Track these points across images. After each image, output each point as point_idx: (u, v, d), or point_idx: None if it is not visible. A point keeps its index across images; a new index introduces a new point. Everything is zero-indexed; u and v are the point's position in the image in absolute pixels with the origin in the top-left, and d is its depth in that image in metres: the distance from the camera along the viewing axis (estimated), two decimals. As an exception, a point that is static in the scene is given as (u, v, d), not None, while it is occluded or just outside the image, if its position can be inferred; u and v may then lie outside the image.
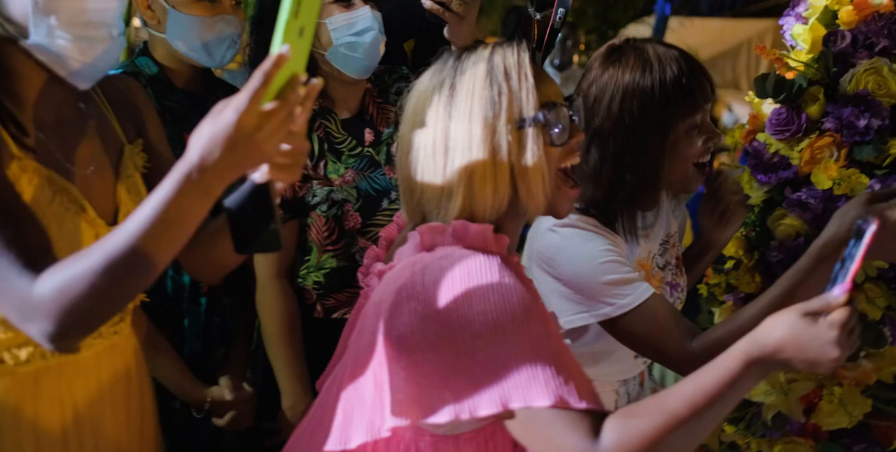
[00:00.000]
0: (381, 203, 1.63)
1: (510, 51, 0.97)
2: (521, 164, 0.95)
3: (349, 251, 1.61)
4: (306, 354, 1.63)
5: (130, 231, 0.82)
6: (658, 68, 1.28)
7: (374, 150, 1.65)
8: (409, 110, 1.00)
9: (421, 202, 0.98)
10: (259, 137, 0.78)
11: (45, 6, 0.93)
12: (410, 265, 0.92)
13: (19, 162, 0.95)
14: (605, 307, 1.25)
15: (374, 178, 1.64)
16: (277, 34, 0.76)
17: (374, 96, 1.69)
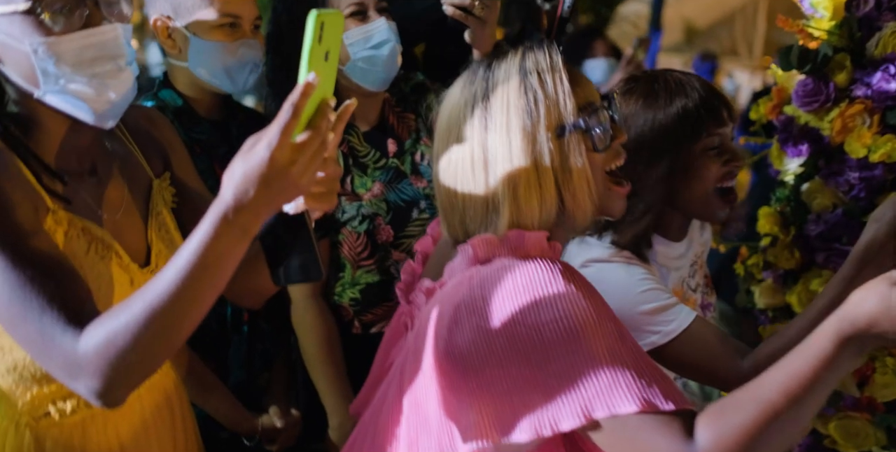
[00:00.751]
0: (411, 213, 1.61)
1: (541, 55, 0.94)
2: (564, 173, 0.92)
3: (384, 265, 1.59)
4: (347, 371, 1.61)
5: (170, 279, 0.80)
6: (665, 98, 1.26)
7: (398, 160, 1.63)
8: (441, 125, 0.98)
9: (464, 219, 0.96)
10: (294, 171, 0.76)
11: (45, 54, 0.89)
12: (466, 280, 0.90)
13: (54, 215, 0.93)
14: (650, 336, 1.22)
15: (402, 189, 1.62)
16: (303, 62, 0.74)
17: (393, 105, 1.67)
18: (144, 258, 1.04)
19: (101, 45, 0.91)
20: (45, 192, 0.92)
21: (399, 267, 1.59)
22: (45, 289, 0.83)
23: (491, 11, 1.37)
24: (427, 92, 1.70)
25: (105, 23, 0.91)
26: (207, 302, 0.83)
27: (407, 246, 1.60)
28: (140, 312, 0.80)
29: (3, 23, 0.88)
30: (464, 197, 0.94)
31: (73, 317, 0.83)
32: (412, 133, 1.66)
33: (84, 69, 0.90)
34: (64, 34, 0.88)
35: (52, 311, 0.83)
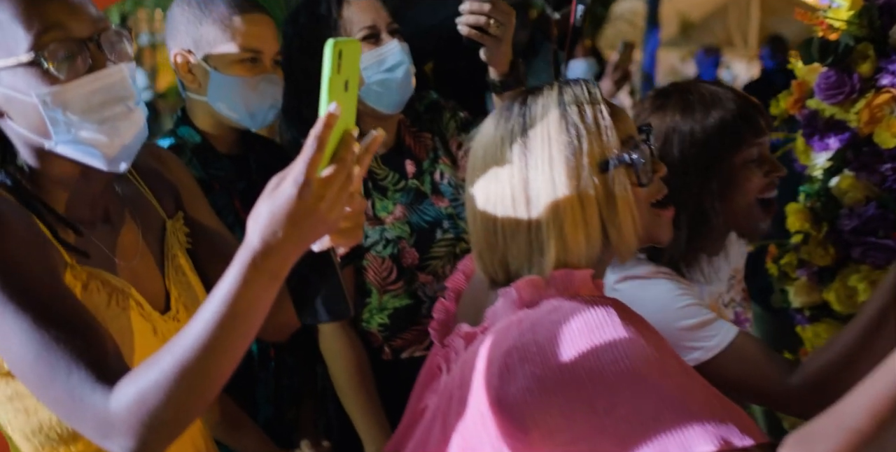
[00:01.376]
0: (434, 234, 1.58)
1: (580, 89, 0.92)
2: (610, 208, 0.90)
3: (410, 288, 1.56)
4: (380, 398, 1.58)
5: (198, 332, 0.77)
6: (701, 112, 1.24)
7: (418, 181, 1.61)
8: (475, 162, 0.95)
9: (506, 258, 0.92)
10: (322, 207, 0.74)
11: (53, 103, 0.86)
12: (515, 324, 0.86)
13: (72, 269, 0.90)
14: (692, 352, 1.19)
15: (424, 210, 1.59)
16: (323, 92, 0.73)
17: (408, 126, 1.64)
18: (164, 303, 1.01)
19: (108, 88, 0.88)
20: (61, 246, 0.90)
21: (426, 289, 1.57)
22: (71, 348, 0.81)
23: (506, 29, 1.34)
24: (441, 110, 1.68)
25: (109, 64, 0.88)
26: (239, 351, 0.80)
27: (433, 268, 1.58)
28: (170, 368, 0.77)
29: (6, 76, 0.85)
30: (505, 236, 0.91)
31: (102, 375, 0.80)
32: (430, 152, 1.64)
33: (93, 114, 0.87)
34: (70, 81, 0.86)
35: (79, 370, 0.80)
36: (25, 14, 0.84)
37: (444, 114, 1.68)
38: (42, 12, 0.84)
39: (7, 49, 0.84)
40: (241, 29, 1.41)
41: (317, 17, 1.49)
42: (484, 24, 1.32)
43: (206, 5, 1.43)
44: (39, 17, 0.84)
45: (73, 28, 0.86)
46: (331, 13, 1.48)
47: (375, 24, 1.49)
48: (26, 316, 0.81)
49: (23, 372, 0.82)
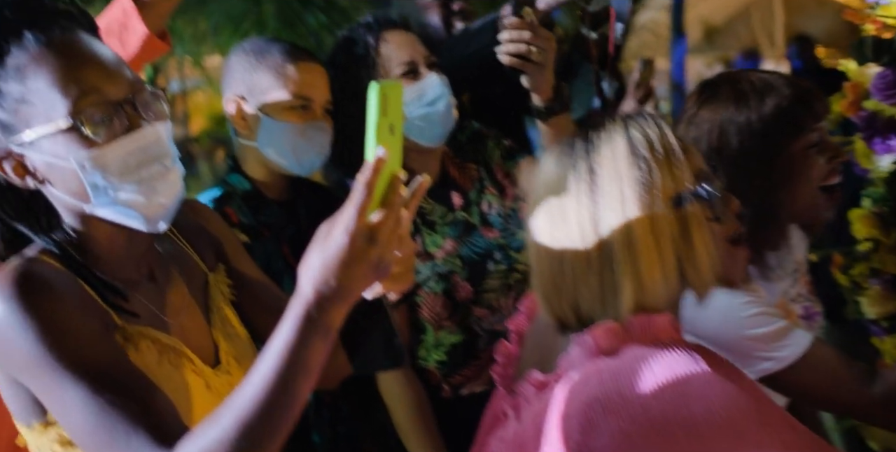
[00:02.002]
0: (486, 266, 1.55)
1: (646, 122, 0.89)
2: (686, 245, 0.87)
3: (466, 323, 1.53)
4: (442, 437, 1.53)
5: (256, 388, 0.76)
6: (755, 100, 1.19)
7: (466, 213, 1.58)
8: (537, 201, 0.91)
9: (577, 301, 0.88)
10: (374, 254, 0.72)
11: (92, 166, 0.85)
12: (594, 375, 0.82)
13: (123, 331, 0.90)
14: (763, 362, 1.14)
15: (474, 242, 1.56)
16: (370, 136, 0.72)
17: (452, 157, 1.63)
18: (213, 357, 1.00)
19: (145, 149, 0.88)
20: (110, 309, 0.89)
21: (482, 323, 1.54)
22: (129, 413, 0.80)
23: (548, 54, 1.32)
24: (484, 139, 1.66)
25: (144, 124, 0.88)
26: (299, 404, 0.78)
27: (487, 301, 1.54)
28: (230, 425, 0.76)
29: (46, 143, 0.85)
30: (574, 277, 0.87)
31: (161, 438, 0.79)
32: (475, 183, 1.62)
33: (131, 175, 0.87)
34: (107, 144, 0.85)
35: (139, 434, 0.79)
36: (62, 81, 0.84)
37: (487, 143, 1.66)
38: (78, 78, 0.85)
39: (45, 116, 0.85)
40: (294, 77, 1.43)
41: (354, 57, 1.50)
42: (525, 52, 1.30)
43: (261, 54, 1.46)
44: (76, 82, 0.84)
45: (109, 91, 0.86)
46: (368, 52, 1.49)
47: (413, 59, 1.49)
48: (83, 384, 0.81)
49: (83, 439, 0.82)
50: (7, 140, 0.86)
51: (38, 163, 0.87)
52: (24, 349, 0.81)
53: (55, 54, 0.84)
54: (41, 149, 0.86)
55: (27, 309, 0.81)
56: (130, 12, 1.17)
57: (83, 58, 0.86)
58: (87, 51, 0.87)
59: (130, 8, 1.17)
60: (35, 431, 0.87)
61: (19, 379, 0.84)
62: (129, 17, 1.17)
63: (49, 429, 0.86)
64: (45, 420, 0.85)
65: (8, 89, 0.84)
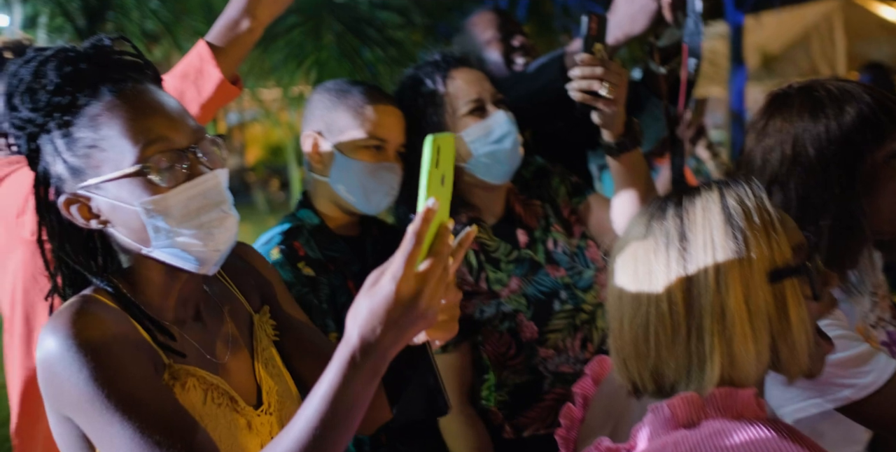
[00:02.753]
0: (552, 306, 1.52)
1: (743, 191, 0.86)
2: (782, 323, 0.83)
3: (531, 363, 1.50)
4: None
5: (301, 430, 0.78)
6: (833, 108, 1.14)
7: (531, 251, 1.56)
8: (624, 264, 0.88)
9: (659, 369, 0.85)
10: (421, 303, 0.74)
11: (155, 210, 0.89)
12: (671, 446, 0.79)
13: (170, 369, 0.92)
14: (843, 390, 1.07)
15: (540, 281, 1.53)
16: (422, 187, 0.74)
17: (517, 194, 1.61)
18: (256, 396, 1.02)
19: (205, 194, 0.91)
20: (159, 348, 0.92)
21: (547, 364, 1.50)
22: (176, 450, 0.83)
23: (619, 90, 1.30)
24: (550, 175, 1.64)
25: (205, 171, 0.92)
26: (341, 446, 0.80)
27: (553, 341, 1.50)
28: None
29: (112, 188, 0.89)
30: (659, 345, 0.84)
31: None
32: (541, 220, 1.59)
33: (191, 220, 0.91)
34: (170, 189, 0.89)
35: None
36: (132, 129, 0.88)
37: (552, 180, 1.64)
38: (147, 127, 0.89)
39: (114, 162, 0.89)
40: (371, 118, 1.46)
41: (422, 94, 1.51)
42: (597, 88, 1.28)
43: (342, 93, 1.49)
44: (144, 131, 0.89)
45: (174, 139, 0.90)
46: (436, 89, 1.50)
47: (481, 97, 1.49)
48: (132, 423, 0.83)
49: None
50: (76, 183, 0.90)
51: (104, 205, 0.91)
52: (76, 386, 0.83)
53: (127, 105, 0.89)
54: (107, 192, 0.90)
55: (82, 347, 0.83)
56: (206, 58, 1.21)
57: (152, 108, 0.91)
58: (156, 101, 0.92)
59: (206, 54, 1.21)
60: None
61: (69, 416, 0.86)
62: (204, 62, 1.21)
63: None
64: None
65: (81, 136, 0.89)
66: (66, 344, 0.83)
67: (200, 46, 1.23)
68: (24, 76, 0.89)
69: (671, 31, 1.43)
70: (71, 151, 0.89)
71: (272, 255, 1.40)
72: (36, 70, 0.89)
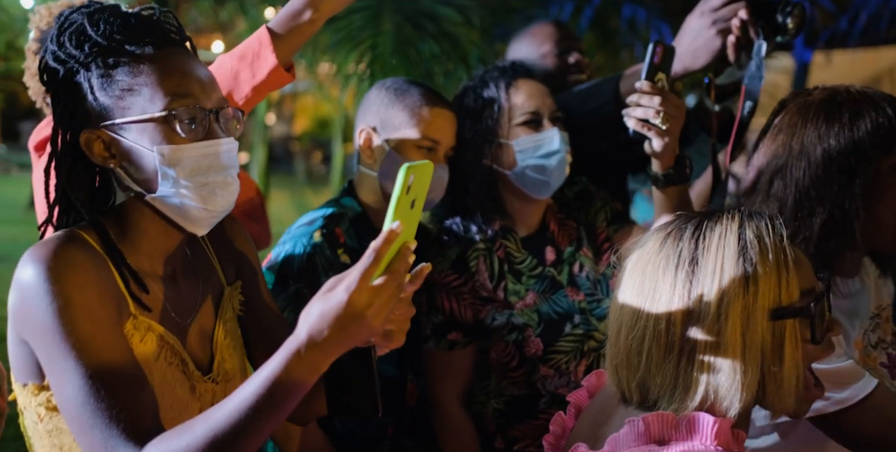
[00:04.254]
0: (563, 327, 1.52)
1: (765, 226, 0.86)
2: (774, 361, 0.83)
3: (530, 379, 1.51)
4: None
5: (235, 408, 0.82)
6: (849, 111, 1.13)
7: (555, 270, 1.56)
8: (632, 276, 0.89)
9: (646, 383, 0.86)
10: (369, 314, 0.79)
11: (170, 158, 0.94)
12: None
13: (134, 320, 0.96)
14: (818, 402, 1.04)
15: (556, 301, 1.54)
16: (390, 211, 0.78)
17: (556, 211, 1.61)
18: (207, 364, 1.05)
19: (217, 156, 0.97)
20: (129, 297, 0.96)
21: (546, 383, 1.51)
22: (116, 402, 0.87)
23: (675, 123, 1.28)
24: (592, 199, 1.64)
25: (221, 135, 0.97)
26: (267, 431, 0.84)
27: (556, 362, 1.51)
28: (202, 436, 0.83)
29: (135, 130, 0.95)
30: (650, 362, 0.86)
31: (137, 432, 0.86)
32: (573, 242, 1.59)
33: (198, 177, 0.96)
34: (189, 142, 0.95)
35: (118, 424, 0.86)
36: (167, 82, 0.95)
37: (594, 204, 1.63)
38: (180, 84, 0.96)
39: (142, 109, 0.95)
40: (427, 119, 1.48)
41: (483, 97, 1.53)
42: (652, 118, 1.27)
43: (400, 92, 1.51)
44: (177, 86, 0.95)
45: (201, 99, 0.97)
46: (498, 97, 1.51)
47: (539, 110, 1.51)
48: (85, 364, 0.87)
49: (69, 412, 0.88)
50: (100, 121, 0.95)
51: (122, 146, 0.96)
52: (42, 317, 0.87)
53: (166, 60, 0.96)
54: (129, 134, 0.95)
55: (56, 281, 0.88)
56: (265, 43, 1.23)
57: (188, 68, 0.98)
58: (192, 64, 0.99)
59: (266, 39, 1.24)
60: (28, 391, 0.93)
61: (28, 341, 0.90)
62: (263, 47, 1.24)
63: (41, 393, 0.92)
64: (42, 383, 0.92)
65: (119, 79, 0.95)
66: (42, 276, 0.88)
67: (262, 31, 1.26)
68: (76, 20, 0.96)
69: (731, 70, 1.41)
70: (104, 91, 0.94)
71: (314, 238, 1.43)
72: (89, 16, 0.96)
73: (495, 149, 1.51)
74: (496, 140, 1.51)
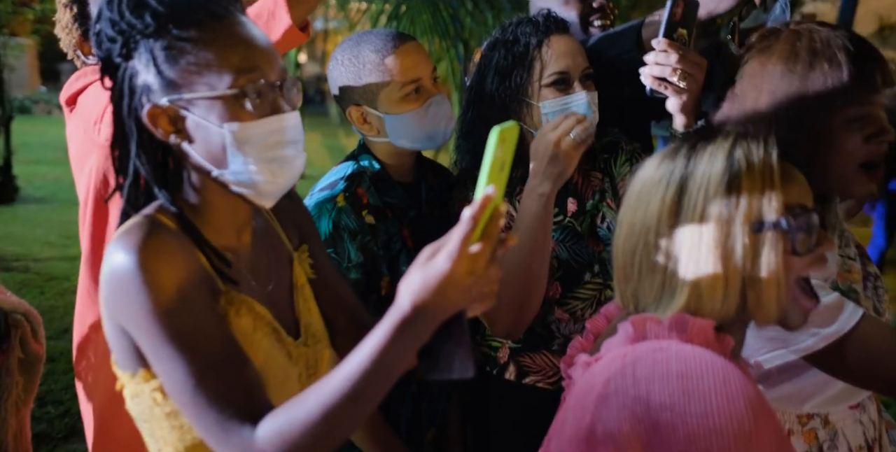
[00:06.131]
0: (583, 276, 1.54)
1: (755, 145, 0.90)
2: (754, 272, 0.88)
3: (545, 320, 1.54)
4: (496, 420, 1.58)
5: (345, 379, 0.84)
6: (805, 61, 1.13)
7: (575, 221, 1.56)
8: (631, 196, 0.96)
9: (637, 293, 0.94)
10: (470, 281, 0.80)
11: (239, 135, 0.93)
12: (621, 357, 0.87)
13: (225, 296, 0.96)
14: (806, 339, 1.10)
15: (576, 251, 1.55)
16: (482, 175, 0.78)
17: (581, 163, 1.58)
18: (295, 329, 1.07)
19: (284, 131, 0.95)
20: (216, 274, 0.96)
21: (560, 326, 1.54)
22: (224, 384, 0.88)
23: (693, 81, 1.26)
24: (619, 151, 1.61)
25: (287, 109, 0.96)
26: (378, 399, 0.87)
27: (572, 307, 1.54)
28: (315, 408, 0.85)
29: (202, 106, 0.92)
30: (641, 272, 0.93)
31: (250, 411, 0.88)
32: (596, 193, 1.58)
33: (267, 152, 0.95)
34: (258, 119, 0.93)
35: (230, 406, 0.87)
36: (234, 56, 0.92)
37: (620, 156, 1.60)
38: (247, 56, 0.93)
39: (209, 84, 0.92)
40: (396, 66, 1.44)
41: (513, 53, 1.48)
42: (669, 76, 1.25)
43: (355, 58, 1.46)
44: (244, 59, 0.92)
45: (267, 72, 0.94)
46: (528, 52, 1.47)
47: (568, 71, 1.46)
48: (190, 350, 0.88)
49: (179, 398, 0.89)
50: (164, 95, 0.92)
51: (190, 122, 0.93)
52: (140, 306, 0.87)
53: (231, 30, 0.93)
54: (197, 110, 0.92)
55: (150, 269, 0.87)
56: (280, 3, 1.23)
57: (252, 38, 0.94)
58: (255, 33, 0.95)
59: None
60: (139, 378, 0.93)
61: (128, 330, 0.90)
62: (278, 6, 1.24)
63: (153, 379, 0.92)
64: (151, 370, 0.92)
65: (184, 51, 0.91)
66: (135, 262, 0.87)
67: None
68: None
69: (757, 13, 1.37)
70: (169, 64, 0.91)
71: (338, 202, 1.44)
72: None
73: (522, 108, 1.48)
74: (524, 99, 1.47)
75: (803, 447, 1.22)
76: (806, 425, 1.23)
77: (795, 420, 1.22)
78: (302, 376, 1.04)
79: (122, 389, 0.96)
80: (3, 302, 1.28)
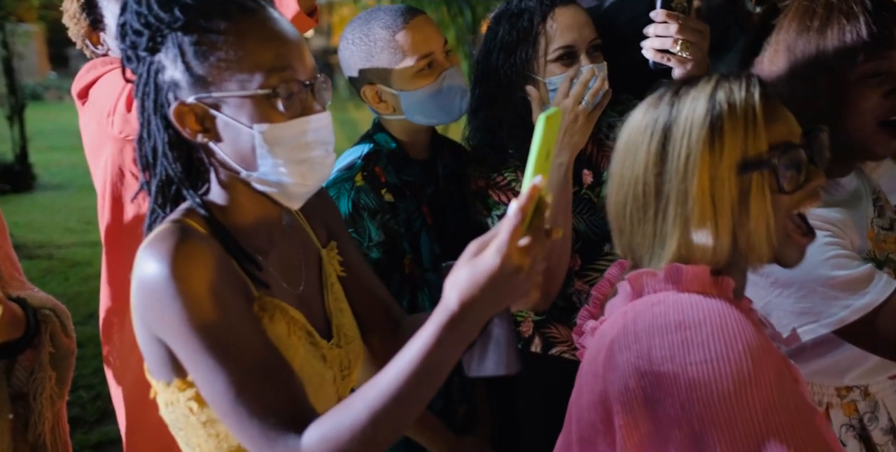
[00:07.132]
0: (602, 247, 1.53)
1: (737, 85, 0.87)
2: (742, 212, 0.87)
3: (566, 291, 1.54)
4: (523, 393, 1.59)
5: (391, 382, 0.81)
6: (823, 16, 1.10)
7: (591, 192, 1.55)
8: (619, 146, 0.95)
9: (632, 245, 0.94)
10: (520, 277, 0.77)
11: (270, 136, 0.89)
12: (622, 315, 0.88)
13: (259, 301, 0.93)
14: (839, 311, 1.08)
15: (595, 223, 1.54)
16: (530, 165, 0.76)
17: (595, 133, 1.57)
18: (327, 330, 1.04)
19: (316, 132, 0.92)
20: (248, 279, 0.93)
21: (581, 297, 1.54)
22: (266, 393, 0.85)
23: (697, 49, 1.22)
24: None
25: (318, 109, 0.93)
26: (426, 400, 0.84)
27: (592, 279, 1.53)
28: (363, 414, 0.82)
29: (233, 105, 0.89)
30: (632, 223, 0.92)
31: (293, 419, 0.85)
32: None
33: (298, 153, 0.91)
34: (289, 120, 0.90)
35: (274, 413, 0.84)
36: (266, 54, 0.88)
37: None
38: (279, 54, 0.89)
39: (240, 82, 0.88)
40: (407, 42, 1.43)
41: (517, 29, 1.46)
42: (671, 47, 1.21)
43: (366, 37, 1.45)
44: (276, 57, 0.89)
45: (299, 71, 0.90)
46: (532, 26, 1.44)
47: (574, 44, 1.43)
48: (229, 360, 0.85)
49: (221, 408, 0.86)
50: (193, 93, 0.88)
51: (219, 121, 0.89)
52: (176, 314, 0.84)
53: (263, 25, 0.89)
54: (226, 109, 0.89)
55: (183, 277, 0.84)
56: None
57: (283, 34, 0.90)
58: (286, 28, 0.91)
59: None
60: (173, 387, 0.90)
61: (163, 339, 0.87)
62: None
63: (188, 389, 0.89)
64: (186, 379, 0.89)
65: (215, 47, 0.87)
66: (168, 274, 0.83)
67: None
68: None
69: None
70: (198, 60, 0.87)
71: (356, 182, 1.43)
72: None
73: (529, 84, 1.45)
74: (530, 76, 1.45)
75: (842, 420, 1.21)
76: (845, 397, 1.22)
77: (834, 392, 1.21)
78: (336, 378, 1.02)
79: (156, 396, 0.94)
80: (32, 298, 1.29)
